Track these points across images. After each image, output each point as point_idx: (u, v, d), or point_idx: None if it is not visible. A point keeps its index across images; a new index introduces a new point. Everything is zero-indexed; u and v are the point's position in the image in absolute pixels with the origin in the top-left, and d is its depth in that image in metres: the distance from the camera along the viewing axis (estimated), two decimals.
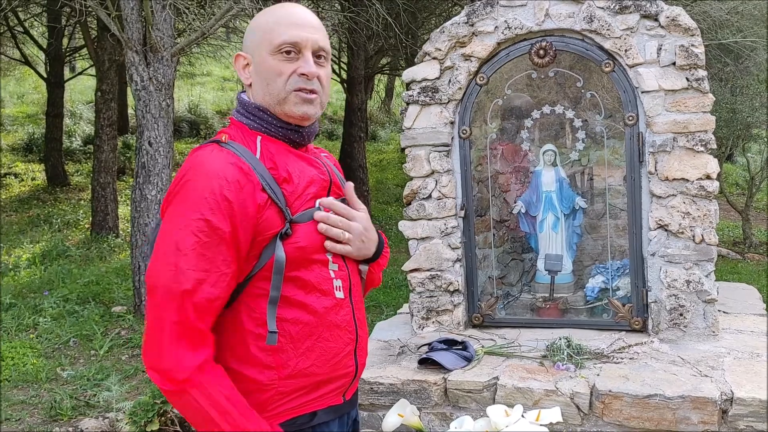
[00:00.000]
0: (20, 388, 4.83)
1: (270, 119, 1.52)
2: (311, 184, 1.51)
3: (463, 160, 3.71)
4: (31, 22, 12.88)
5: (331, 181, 1.57)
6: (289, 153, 1.53)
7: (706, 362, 3.15)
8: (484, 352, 3.42)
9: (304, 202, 1.48)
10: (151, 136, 6.09)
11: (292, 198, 1.47)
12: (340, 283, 1.52)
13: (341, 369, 1.53)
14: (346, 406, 1.58)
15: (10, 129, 15.59)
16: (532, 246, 4.00)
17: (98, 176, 9.59)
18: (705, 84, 3.32)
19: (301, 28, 1.49)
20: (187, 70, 17.98)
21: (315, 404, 1.50)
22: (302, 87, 1.49)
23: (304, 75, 1.48)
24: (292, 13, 1.51)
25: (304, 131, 1.55)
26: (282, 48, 1.48)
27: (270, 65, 1.49)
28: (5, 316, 6.31)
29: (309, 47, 1.50)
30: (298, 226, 1.46)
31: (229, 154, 1.44)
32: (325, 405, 1.52)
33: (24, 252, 8.81)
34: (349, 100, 11.97)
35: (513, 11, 3.57)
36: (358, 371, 1.58)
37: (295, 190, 1.48)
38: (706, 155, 3.35)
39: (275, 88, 1.49)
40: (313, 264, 1.48)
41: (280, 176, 1.46)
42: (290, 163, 1.51)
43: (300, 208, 1.47)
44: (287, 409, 1.47)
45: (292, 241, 1.44)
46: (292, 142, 1.54)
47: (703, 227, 3.36)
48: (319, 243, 1.49)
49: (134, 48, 5.92)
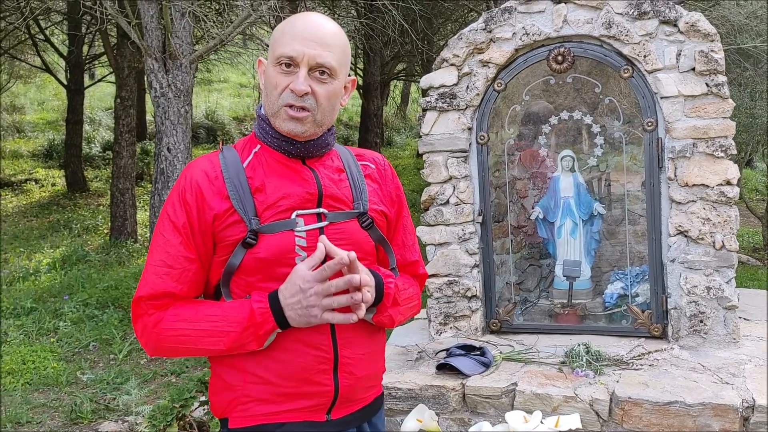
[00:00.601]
0: (41, 392, 4.90)
1: (268, 129, 1.53)
2: (286, 197, 1.49)
3: (480, 165, 3.72)
4: (52, 30, 13.07)
5: (320, 193, 1.52)
6: (279, 165, 1.52)
7: (726, 369, 3.12)
8: (502, 358, 3.41)
9: (275, 213, 1.48)
10: (170, 142, 6.16)
11: (261, 207, 1.47)
12: None
13: (313, 386, 1.49)
14: (331, 425, 1.53)
15: (31, 135, 15.82)
16: (550, 252, 3.99)
17: (117, 182, 9.70)
18: (725, 89, 3.30)
19: (303, 42, 1.45)
20: (204, 77, 18.15)
21: (285, 416, 1.50)
22: (291, 103, 1.47)
23: (293, 91, 1.46)
24: (303, 25, 1.48)
25: (300, 145, 1.52)
26: (280, 60, 1.47)
27: (270, 75, 1.50)
28: (26, 320, 6.39)
29: (305, 63, 1.46)
30: (264, 237, 1.46)
31: (207, 161, 1.53)
32: (300, 419, 1.50)
33: (44, 257, 8.92)
34: (365, 105, 12.02)
35: (531, 17, 3.57)
36: (340, 392, 1.52)
37: (266, 200, 1.48)
38: (726, 161, 3.33)
39: (270, 100, 1.50)
40: (276, 278, 1.46)
41: (254, 185, 1.49)
42: (273, 174, 1.50)
43: (270, 219, 1.47)
44: (255, 414, 1.50)
45: (254, 251, 1.46)
46: (288, 153, 1.53)
47: (723, 233, 3.33)
48: (286, 257, 1.46)
49: (154, 55, 5.99)
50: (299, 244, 1.47)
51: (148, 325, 1.48)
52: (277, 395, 1.49)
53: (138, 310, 1.49)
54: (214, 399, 1.57)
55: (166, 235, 1.49)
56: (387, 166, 1.73)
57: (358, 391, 1.57)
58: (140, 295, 1.49)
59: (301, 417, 1.50)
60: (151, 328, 1.47)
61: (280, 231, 1.47)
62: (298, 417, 1.50)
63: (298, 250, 1.47)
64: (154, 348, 1.50)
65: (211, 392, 1.58)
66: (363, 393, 1.59)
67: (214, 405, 1.58)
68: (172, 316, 1.47)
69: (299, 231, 1.48)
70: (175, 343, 1.47)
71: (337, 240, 1.49)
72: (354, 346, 1.54)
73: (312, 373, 1.49)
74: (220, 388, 1.55)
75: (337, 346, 1.51)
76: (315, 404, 1.51)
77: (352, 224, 1.56)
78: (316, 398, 1.51)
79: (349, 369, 1.53)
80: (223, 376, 1.54)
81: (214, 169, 1.51)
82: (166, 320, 1.47)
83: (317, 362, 1.49)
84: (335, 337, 1.51)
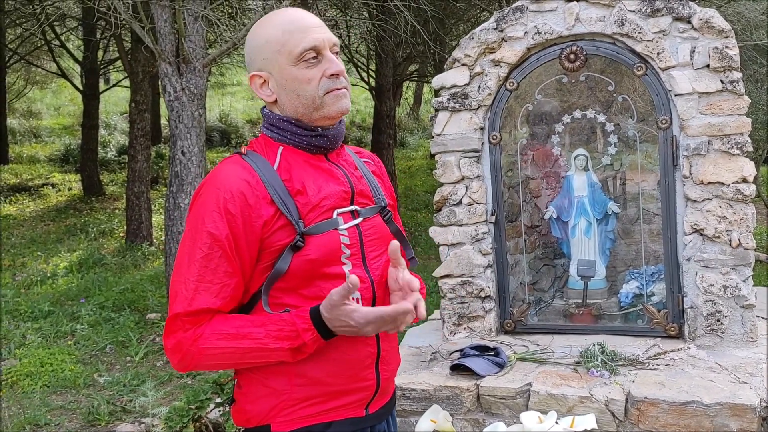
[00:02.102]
0: (59, 394, 4.94)
1: (294, 129, 1.51)
2: (328, 197, 1.50)
3: (493, 165, 3.71)
4: (68, 35, 13.20)
5: (353, 191, 1.55)
6: (308, 165, 1.52)
7: (744, 369, 3.09)
8: (516, 359, 3.40)
9: (319, 214, 1.48)
10: (184, 145, 6.19)
11: (305, 210, 1.47)
12: (359, 295, 1.49)
13: (360, 381, 1.52)
14: (369, 419, 1.56)
15: (47, 140, 16.00)
16: (564, 252, 3.97)
17: (132, 186, 9.77)
18: (740, 86, 3.27)
19: (313, 30, 1.48)
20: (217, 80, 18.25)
21: (331, 414, 1.50)
22: (334, 87, 1.49)
23: (334, 75, 1.48)
24: (298, 18, 1.50)
25: (330, 134, 1.53)
26: (304, 56, 1.47)
27: (295, 76, 1.48)
28: (44, 323, 6.46)
29: (327, 46, 1.49)
30: (311, 239, 1.45)
31: (241, 168, 1.48)
32: (344, 416, 1.51)
33: (61, 260, 9.01)
34: (377, 107, 12.01)
35: (543, 16, 3.56)
36: (381, 385, 1.55)
37: (309, 201, 1.47)
38: (742, 158, 3.29)
39: (308, 96, 1.48)
40: (325, 278, 1.46)
41: (294, 188, 1.47)
42: (307, 175, 1.50)
43: (314, 220, 1.47)
44: (301, 416, 1.48)
45: (303, 254, 1.45)
46: (317, 148, 1.53)
47: (739, 231, 3.30)
48: (332, 256, 1.48)
49: (167, 59, 6.03)
50: (343, 242, 1.49)
51: (184, 342, 1.42)
52: (326, 394, 1.49)
53: (173, 326, 1.43)
54: (251, 407, 1.52)
55: (204, 249, 1.42)
56: (380, 163, 1.76)
57: (390, 384, 1.62)
58: (177, 312, 1.42)
59: (345, 414, 1.52)
60: (188, 345, 1.42)
61: (326, 231, 1.47)
62: (342, 414, 1.51)
63: (344, 248, 1.49)
64: (189, 364, 1.45)
65: (246, 401, 1.53)
66: (391, 385, 1.64)
67: (249, 413, 1.52)
68: (212, 334, 1.42)
69: (342, 229, 1.50)
70: (216, 360, 1.44)
71: (370, 235, 1.55)
72: (390, 339, 1.60)
73: (359, 368, 1.51)
74: (261, 395, 1.50)
75: (380, 339, 1.55)
76: (358, 399, 1.53)
77: (377, 219, 1.60)
78: (361, 393, 1.53)
79: (386, 361, 1.57)
80: (265, 383, 1.50)
81: (252, 175, 1.47)
82: (205, 337, 1.42)
83: (363, 356, 1.52)
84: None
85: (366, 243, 1.54)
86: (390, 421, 1.65)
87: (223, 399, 3.74)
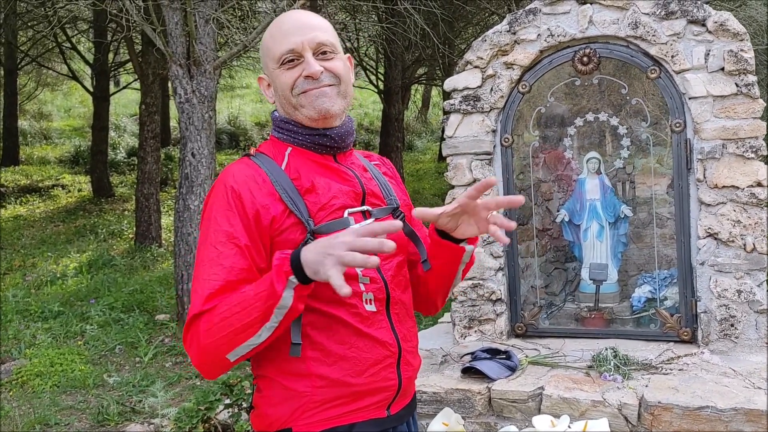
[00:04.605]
0: (69, 394, 4.96)
1: (297, 129, 1.53)
2: (337, 196, 1.49)
3: (505, 168, 3.70)
4: (78, 38, 13.28)
5: (364, 191, 1.54)
6: (317, 165, 1.52)
7: (759, 374, 3.06)
8: (528, 362, 3.38)
9: (329, 213, 1.47)
10: (194, 147, 6.21)
11: (315, 208, 1.46)
12: (371, 296, 1.49)
13: (380, 381, 1.50)
14: (391, 420, 1.55)
15: (58, 142, 16.10)
16: (576, 255, 3.95)
17: (142, 187, 9.81)
18: (755, 89, 3.25)
19: (294, 34, 1.48)
20: (227, 83, 18.31)
21: (354, 416, 1.49)
22: (309, 88, 1.48)
23: (308, 77, 1.48)
24: (283, 23, 1.52)
25: (334, 134, 1.52)
26: (283, 59, 1.49)
27: (280, 80, 1.51)
28: (54, 323, 6.49)
29: (307, 48, 1.48)
30: (322, 237, 1.42)
31: (248, 167, 1.48)
32: (366, 417, 1.50)
33: (71, 261, 9.05)
34: (386, 110, 12.02)
35: (556, 19, 3.55)
36: (402, 385, 1.54)
37: (319, 200, 1.47)
38: (756, 162, 3.27)
39: (286, 98, 1.51)
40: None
41: (303, 187, 1.47)
42: (317, 174, 1.50)
43: (324, 219, 1.46)
44: (324, 419, 1.47)
45: None
46: (323, 147, 1.53)
47: (754, 235, 3.27)
48: None
49: (178, 62, 6.05)
50: None
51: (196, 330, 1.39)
52: (348, 396, 1.48)
53: (190, 325, 1.40)
54: (272, 411, 1.50)
55: (219, 248, 1.41)
56: (391, 165, 1.76)
57: (411, 384, 1.61)
58: (194, 313, 1.39)
59: (367, 415, 1.50)
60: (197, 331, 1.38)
61: (336, 230, 1.43)
62: (364, 416, 1.50)
63: None
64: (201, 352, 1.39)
65: (267, 405, 1.51)
66: (412, 386, 1.63)
67: (270, 417, 1.50)
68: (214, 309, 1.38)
69: None
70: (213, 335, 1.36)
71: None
72: (411, 339, 1.58)
73: (380, 368, 1.50)
74: (282, 399, 1.48)
75: (399, 339, 1.54)
76: (380, 400, 1.52)
77: (390, 220, 1.58)
78: (383, 393, 1.52)
79: (407, 361, 1.56)
80: (286, 385, 1.48)
81: (260, 173, 1.47)
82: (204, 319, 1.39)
83: (382, 356, 1.50)
84: (395, 331, 1.53)
85: None
86: (411, 423, 1.64)
87: (232, 400, 3.74)
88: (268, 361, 1.49)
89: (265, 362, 1.50)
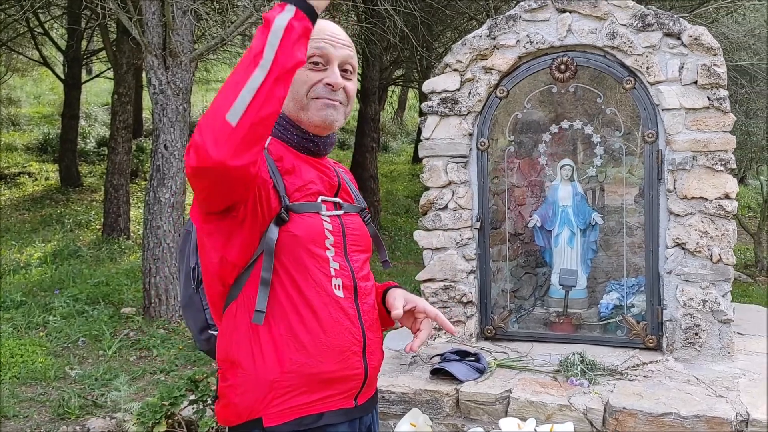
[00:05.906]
0: (29, 386, 4.84)
1: (287, 125, 1.55)
2: (315, 182, 1.54)
3: (480, 171, 3.72)
4: (51, 24, 13.01)
5: (339, 185, 1.60)
6: (296, 157, 1.55)
7: (721, 383, 3.13)
8: (496, 365, 3.40)
9: (304, 195, 1.51)
10: (167, 139, 6.12)
11: (292, 188, 1.50)
12: (341, 282, 1.52)
13: (348, 369, 1.52)
14: (358, 411, 1.56)
15: (26, 128, 15.74)
16: (547, 260, 3.99)
17: (112, 178, 9.65)
18: (726, 103, 3.31)
19: (332, 42, 1.53)
20: (202, 76, 18.10)
21: (323, 405, 1.49)
22: (325, 96, 1.52)
23: (329, 85, 1.52)
24: (324, 28, 1.55)
25: (320, 141, 1.57)
26: (311, 58, 1.51)
27: (300, 75, 1.50)
28: (16, 313, 6.34)
29: (336, 60, 1.53)
30: (295, 216, 1.48)
31: None
32: (335, 407, 1.51)
33: (36, 251, 8.85)
34: (362, 110, 12.01)
35: (535, 26, 3.58)
36: (369, 374, 1.56)
37: (296, 182, 1.51)
38: (725, 174, 3.34)
39: (298, 94, 1.52)
40: (310, 257, 1.48)
41: (284, 168, 1.50)
42: (298, 160, 1.55)
43: (298, 200, 1.50)
44: (293, 406, 1.46)
45: (287, 228, 1.46)
46: (305, 150, 1.56)
47: (720, 247, 3.34)
48: (317, 238, 1.49)
49: (154, 52, 5.97)
50: (327, 228, 1.52)
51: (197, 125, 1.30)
52: (317, 383, 1.48)
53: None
54: (239, 400, 1.48)
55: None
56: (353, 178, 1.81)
57: (376, 375, 1.63)
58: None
59: (336, 405, 1.51)
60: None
61: (308, 212, 1.50)
62: (333, 405, 1.51)
63: (327, 234, 1.52)
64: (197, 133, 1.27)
65: (233, 393, 1.49)
66: (376, 377, 1.65)
67: (238, 406, 1.48)
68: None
69: (324, 215, 1.53)
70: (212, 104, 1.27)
71: (352, 230, 1.58)
72: (375, 330, 1.60)
73: (348, 354, 1.51)
74: (250, 387, 1.47)
75: (365, 329, 1.56)
76: (348, 389, 1.53)
77: (358, 218, 1.65)
78: (351, 382, 1.53)
79: (373, 351, 1.58)
80: (255, 373, 1.46)
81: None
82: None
83: (350, 342, 1.52)
84: (362, 321, 1.56)
85: (348, 236, 1.57)
86: (374, 414, 1.67)
87: (197, 396, 3.69)
88: (234, 345, 1.49)
89: (231, 347, 1.49)
